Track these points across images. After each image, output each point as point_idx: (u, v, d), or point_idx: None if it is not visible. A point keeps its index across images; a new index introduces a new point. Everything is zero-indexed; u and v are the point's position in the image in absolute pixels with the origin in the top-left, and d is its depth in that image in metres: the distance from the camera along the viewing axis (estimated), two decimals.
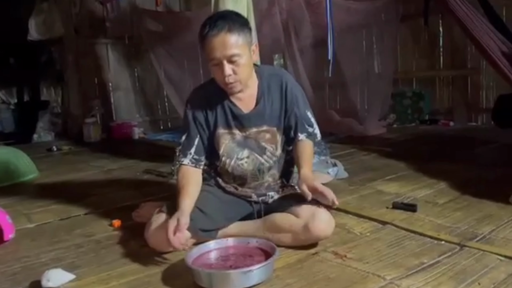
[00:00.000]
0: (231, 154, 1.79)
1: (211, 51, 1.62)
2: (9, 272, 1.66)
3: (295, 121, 1.78)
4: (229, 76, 1.63)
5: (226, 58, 1.61)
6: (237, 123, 1.77)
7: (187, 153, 1.77)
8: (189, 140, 1.79)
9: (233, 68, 1.63)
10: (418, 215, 2.02)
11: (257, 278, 1.41)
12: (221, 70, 1.63)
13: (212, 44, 1.60)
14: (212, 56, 1.62)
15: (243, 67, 1.65)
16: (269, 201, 1.83)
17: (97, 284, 1.52)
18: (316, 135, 1.83)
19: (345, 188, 2.56)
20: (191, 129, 1.79)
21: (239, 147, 1.78)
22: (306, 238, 1.66)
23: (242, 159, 1.78)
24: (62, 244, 1.94)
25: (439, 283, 1.38)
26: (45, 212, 2.44)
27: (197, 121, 1.78)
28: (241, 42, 1.62)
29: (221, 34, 1.59)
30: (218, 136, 1.78)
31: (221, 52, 1.60)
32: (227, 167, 1.80)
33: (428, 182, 2.55)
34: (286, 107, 1.78)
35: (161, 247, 1.68)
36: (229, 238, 1.66)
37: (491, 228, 1.81)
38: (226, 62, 1.61)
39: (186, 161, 1.77)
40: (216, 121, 1.77)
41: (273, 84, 1.77)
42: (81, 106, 5.60)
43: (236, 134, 1.77)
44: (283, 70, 1.91)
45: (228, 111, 1.76)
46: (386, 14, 4.60)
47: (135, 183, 3.04)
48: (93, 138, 5.26)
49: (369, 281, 1.42)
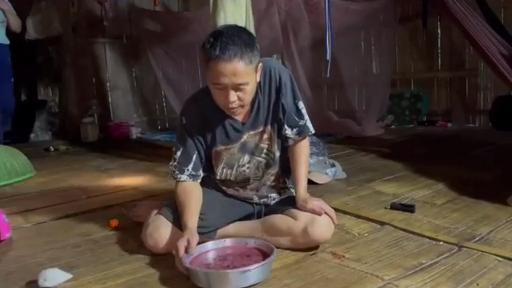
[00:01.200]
0: (231, 163, 1.73)
1: (217, 75, 1.49)
2: (5, 272, 1.65)
3: (283, 112, 1.67)
4: (233, 102, 1.54)
5: (232, 86, 1.50)
6: (235, 133, 1.70)
7: (184, 169, 1.70)
8: (186, 156, 1.70)
9: (239, 95, 1.53)
10: (416, 215, 2.02)
11: (255, 278, 1.40)
12: (224, 95, 1.53)
13: (220, 69, 1.47)
14: (218, 81, 1.50)
15: (249, 93, 1.56)
16: (270, 202, 1.82)
17: (93, 284, 1.51)
18: (308, 128, 1.72)
19: (343, 188, 2.56)
20: (188, 145, 1.69)
21: (238, 154, 1.73)
22: (305, 241, 1.65)
23: (244, 165, 1.74)
24: (58, 243, 1.93)
25: (437, 284, 1.37)
26: (42, 211, 2.43)
27: (194, 137, 1.69)
28: (251, 69, 1.52)
29: (232, 62, 1.46)
30: (216, 153, 1.72)
31: (229, 79, 1.48)
32: (228, 176, 1.76)
33: (426, 183, 2.55)
34: (274, 102, 1.68)
35: (158, 248, 1.67)
36: (227, 239, 1.65)
37: (489, 229, 1.81)
38: (232, 88, 1.51)
39: (183, 177, 1.70)
40: (215, 138, 1.70)
41: (267, 81, 1.68)
42: (78, 105, 5.59)
43: (234, 146, 1.71)
44: (268, 60, 1.74)
45: (228, 128, 1.69)
46: (384, 15, 4.62)
47: (133, 183, 3.03)
48: (91, 138, 5.25)
49: (367, 281, 1.42)
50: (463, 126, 4.85)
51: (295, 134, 1.71)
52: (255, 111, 1.68)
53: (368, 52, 5.14)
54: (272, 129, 1.72)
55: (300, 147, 1.74)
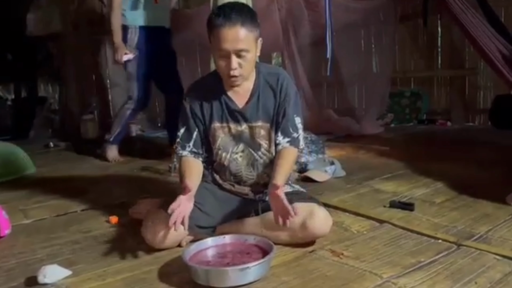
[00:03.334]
0: (226, 147, 1.80)
1: (221, 42, 1.61)
2: (5, 268, 1.66)
3: (281, 120, 1.75)
4: (234, 69, 1.64)
5: (235, 52, 1.61)
6: (232, 117, 1.77)
7: (186, 146, 1.80)
8: (188, 134, 1.80)
9: (240, 62, 1.64)
10: (415, 214, 2.02)
11: (254, 275, 1.41)
12: (226, 62, 1.64)
13: (223, 36, 1.60)
14: (221, 47, 1.61)
15: (249, 62, 1.66)
16: (265, 198, 1.83)
17: (93, 280, 1.52)
18: (299, 141, 1.78)
19: (342, 186, 2.56)
20: (190, 122, 1.80)
21: (234, 140, 1.79)
22: (303, 235, 1.66)
23: (237, 153, 1.80)
24: (58, 240, 1.93)
25: (436, 282, 1.38)
26: (42, 208, 2.43)
27: (194, 114, 1.80)
28: (252, 38, 1.63)
29: (235, 28, 1.59)
30: (214, 130, 1.79)
31: (231, 45, 1.60)
32: (223, 160, 1.81)
33: (425, 182, 2.55)
34: (278, 105, 1.76)
35: (158, 244, 1.68)
36: (226, 236, 1.66)
37: (488, 227, 1.81)
38: (234, 55, 1.62)
39: (185, 153, 1.80)
40: (212, 115, 1.78)
41: (269, 82, 1.77)
42: (78, 102, 5.58)
43: (231, 128, 1.78)
44: (282, 69, 1.89)
45: (224, 105, 1.77)
46: (384, 14, 4.61)
47: (132, 180, 3.03)
48: (91, 135, 5.24)
49: (365, 279, 1.42)
50: (463, 125, 4.85)
51: (285, 142, 1.76)
52: (255, 100, 1.75)
53: (368, 50, 5.14)
54: (272, 129, 1.77)
55: (288, 150, 1.76)
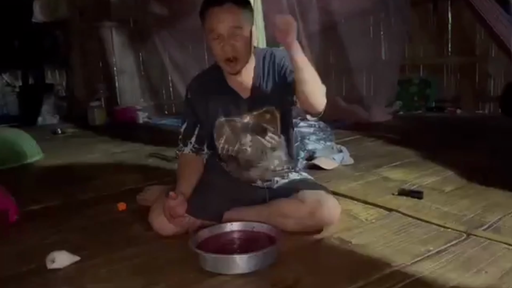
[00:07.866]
0: (233, 142, 1.76)
1: (212, 22, 1.57)
2: (14, 253, 1.67)
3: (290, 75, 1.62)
4: (229, 51, 1.58)
5: (227, 31, 1.56)
6: (237, 109, 1.73)
7: (188, 142, 1.78)
8: (189, 129, 1.78)
9: (233, 43, 1.58)
10: (424, 202, 2.00)
11: (262, 263, 1.40)
12: (220, 45, 1.58)
13: (214, 15, 1.56)
14: (213, 27, 1.57)
15: (243, 43, 1.60)
16: (274, 186, 1.82)
17: (101, 266, 1.52)
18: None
19: (350, 174, 2.55)
20: (191, 118, 1.78)
21: (241, 133, 1.75)
22: (312, 223, 1.65)
23: (245, 144, 1.76)
24: (66, 226, 1.94)
25: (446, 271, 1.36)
26: (50, 194, 2.44)
27: (196, 109, 1.76)
28: (244, 18, 1.59)
29: (225, 6, 1.55)
30: (219, 125, 1.75)
31: (222, 24, 1.55)
32: (230, 152, 1.78)
33: (434, 170, 2.53)
34: (283, 79, 1.67)
35: (165, 231, 1.68)
36: (234, 223, 1.65)
37: (498, 216, 1.79)
38: (227, 35, 1.56)
39: (186, 150, 1.78)
40: (217, 109, 1.74)
41: (267, 63, 1.71)
42: (85, 89, 5.59)
43: (236, 121, 1.74)
44: (275, 48, 1.79)
45: (228, 98, 1.72)
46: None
47: (140, 167, 3.03)
48: (98, 122, 5.26)
49: (374, 267, 1.41)
50: (473, 113, 4.80)
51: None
52: (258, 87, 1.70)
53: (377, 37, 5.06)
54: (277, 111, 1.73)
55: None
